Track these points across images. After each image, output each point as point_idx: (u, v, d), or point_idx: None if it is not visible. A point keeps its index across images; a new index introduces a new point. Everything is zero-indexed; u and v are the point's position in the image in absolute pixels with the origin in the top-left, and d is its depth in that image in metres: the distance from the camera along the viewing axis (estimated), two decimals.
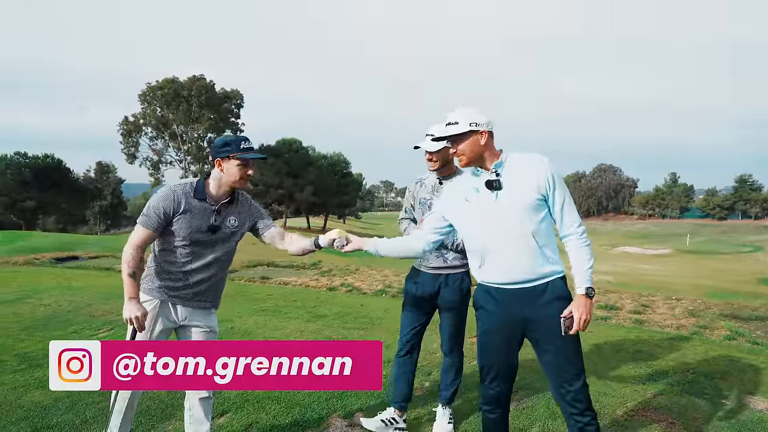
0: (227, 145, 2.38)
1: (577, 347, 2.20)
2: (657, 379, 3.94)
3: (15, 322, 5.68)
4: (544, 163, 2.18)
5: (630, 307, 6.62)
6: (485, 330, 2.33)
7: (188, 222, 2.37)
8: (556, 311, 2.14)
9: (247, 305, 6.72)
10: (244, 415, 3.30)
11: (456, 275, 2.99)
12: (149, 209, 2.34)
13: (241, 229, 2.58)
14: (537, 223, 2.15)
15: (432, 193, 3.04)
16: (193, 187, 2.41)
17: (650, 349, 4.75)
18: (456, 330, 3.13)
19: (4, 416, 3.27)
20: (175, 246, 2.41)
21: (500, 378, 2.34)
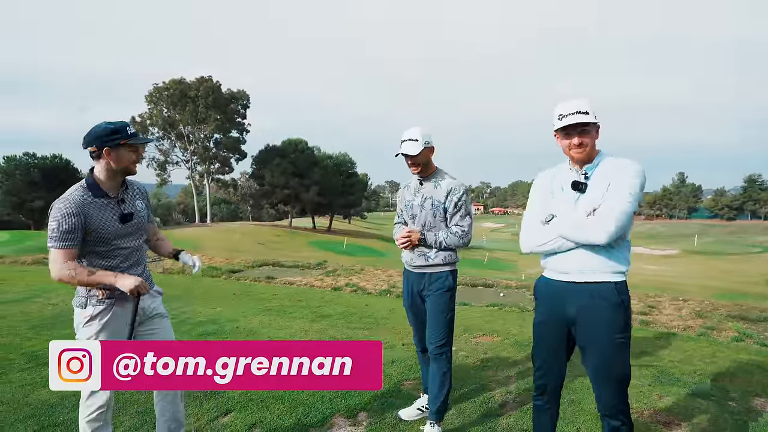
0: (116, 133, 2.27)
1: (620, 351, 2.19)
2: (662, 380, 3.91)
3: (23, 321, 5.73)
4: (629, 169, 2.11)
5: (636, 307, 6.57)
6: (539, 320, 2.42)
7: (100, 223, 2.28)
8: (605, 311, 2.16)
9: (252, 305, 6.74)
10: (248, 414, 3.31)
11: (439, 274, 3.00)
12: (59, 230, 2.18)
13: (148, 210, 2.57)
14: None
15: (414, 194, 3.10)
16: (86, 188, 2.30)
17: (656, 350, 4.71)
18: (440, 330, 3.00)
19: (11, 414, 3.30)
20: (100, 251, 2.32)
21: (547, 369, 2.41)
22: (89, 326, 2.31)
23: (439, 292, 2.98)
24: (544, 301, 2.41)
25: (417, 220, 3.05)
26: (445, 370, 3.01)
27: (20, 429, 3.09)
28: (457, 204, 2.95)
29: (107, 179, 2.34)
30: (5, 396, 3.58)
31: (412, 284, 3.13)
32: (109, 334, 2.32)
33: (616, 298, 2.17)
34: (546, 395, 2.46)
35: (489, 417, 3.27)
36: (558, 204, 2.28)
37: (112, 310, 2.33)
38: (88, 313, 2.30)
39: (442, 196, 2.96)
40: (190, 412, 3.32)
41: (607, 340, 2.18)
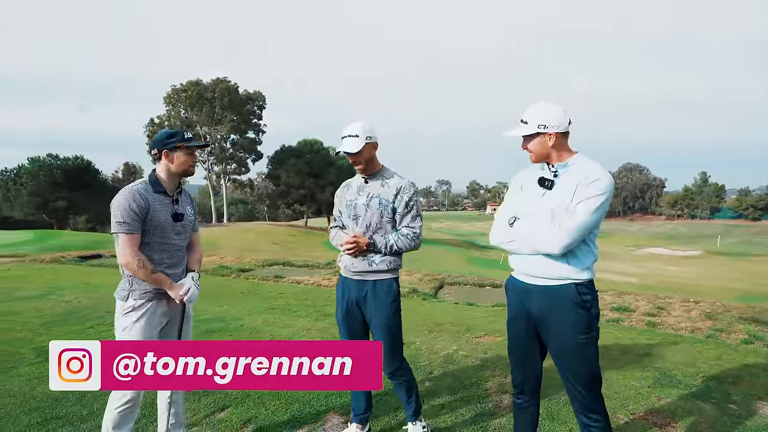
0: (173, 137, 2.52)
1: (584, 351, 2.24)
2: (663, 382, 3.86)
3: (36, 317, 5.89)
4: (595, 184, 2.14)
5: (645, 308, 6.48)
6: (509, 318, 2.48)
7: (157, 215, 2.47)
8: (566, 312, 2.21)
9: (258, 303, 6.82)
10: (244, 410, 3.36)
11: (384, 282, 2.75)
12: (123, 215, 2.36)
13: (195, 216, 2.78)
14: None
15: (357, 193, 2.84)
16: (148, 183, 2.51)
17: (660, 351, 4.65)
18: (391, 347, 2.77)
19: (17, 406, 3.41)
20: (149, 242, 2.49)
21: (522, 367, 2.47)
22: (128, 316, 2.47)
23: (384, 303, 2.73)
24: (511, 300, 2.45)
25: (361, 221, 2.78)
26: (405, 382, 2.87)
27: (24, 421, 3.19)
28: (408, 204, 2.74)
29: (166, 178, 2.55)
30: (14, 389, 3.70)
31: (349, 292, 2.82)
32: (144, 325, 2.47)
33: (577, 298, 2.21)
34: (525, 393, 2.49)
35: (482, 416, 3.28)
36: (525, 198, 2.35)
37: (149, 304, 2.49)
38: (129, 305, 2.47)
39: (390, 195, 2.74)
40: (188, 407, 3.39)
41: (571, 340, 2.23)
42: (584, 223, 2.13)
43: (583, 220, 2.13)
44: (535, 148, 2.26)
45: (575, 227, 2.13)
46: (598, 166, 2.23)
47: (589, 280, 2.26)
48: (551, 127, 2.21)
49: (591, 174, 2.18)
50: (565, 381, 2.33)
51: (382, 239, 2.73)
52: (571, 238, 2.13)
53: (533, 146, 2.27)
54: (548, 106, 2.24)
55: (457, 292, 8.35)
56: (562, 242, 2.14)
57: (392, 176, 2.82)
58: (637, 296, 7.43)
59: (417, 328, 5.49)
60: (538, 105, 2.26)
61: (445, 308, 6.66)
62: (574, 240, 2.14)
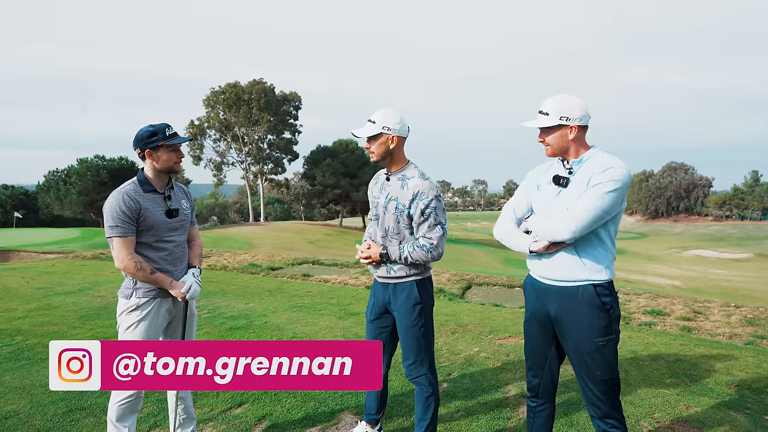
0: (154, 135, 2.44)
1: (601, 354, 2.16)
2: (694, 390, 3.67)
3: (72, 311, 6.14)
4: (608, 172, 2.07)
5: (680, 313, 6.18)
6: (526, 319, 2.43)
7: (150, 215, 2.46)
8: (584, 314, 2.15)
9: (284, 301, 6.89)
10: (260, 406, 3.40)
11: (404, 284, 2.65)
12: (114, 219, 2.36)
13: (192, 210, 2.74)
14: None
15: (380, 190, 2.71)
16: (137, 184, 2.49)
17: (693, 358, 4.43)
18: (414, 352, 2.67)
19: (45, 396, 3.55)
20: (146, 242, 2.49)
21: (537, 369, 2.41)
22: (131, 315, 2.49)
23: (405, 306, 2.64)
24: (529, 300, 2.40)
25: (380, 224, 2.69)
26: (428, 394, 2.69)
27: (51, 410, 3.32)
28: (424, 212, 2.51)
29: (154, 177, 2.54)
30: (44, 380, 3.85)
31: (377, 295, 2.80)
32: (148, 324, 2.50)
33: (596, 300, 2.13)
34: (539, 397, 2.43)
35: (498, 420, 3.20)
36: (541, 196, 2.28)
37: (153, 302, 2.51)
38: (132, 303, 2.48)
39: (407, 200, 2.54)
40: (206, 402, 3.46)
41: (586, 342, 2.15)
42: (594, 207, 2.02)
43: (593, 204, 2.03)
44: (555, 141, 2.18)
45: (584, 209, 2.03)
46: (615, 159, 2.14)
47: (608, 280, 2.18)
48: (573, 119, 2.13)
49: (606, 164, 2.10)
50: (581, 385, 2.26)
51: (396, 250, 2.58)
52: (580, 221, 2.04)
53: (552, 139, 2.19)
54: (570, 98, 2.17)
55: (485, 293, 8.20)
56: (570, 227, 2.05)
57: (413, 177, 2.58)
58: (673, 299, 7.10)
59: (440, 328, 5.42)
60: (559, 96, 2.18)
61: (471, 309, 6.56)
62: (584, 225, 2.03)
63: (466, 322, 5.69)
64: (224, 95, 46.63)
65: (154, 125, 2.48)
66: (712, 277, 35.05)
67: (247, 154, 49.78)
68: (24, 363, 4.24)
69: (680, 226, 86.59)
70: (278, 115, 48.39)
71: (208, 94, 47.57)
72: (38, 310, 6.19)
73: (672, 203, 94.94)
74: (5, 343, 4.82)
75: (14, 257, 17.02)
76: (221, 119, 47.83)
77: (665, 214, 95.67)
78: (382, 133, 2.54)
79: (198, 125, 47.57)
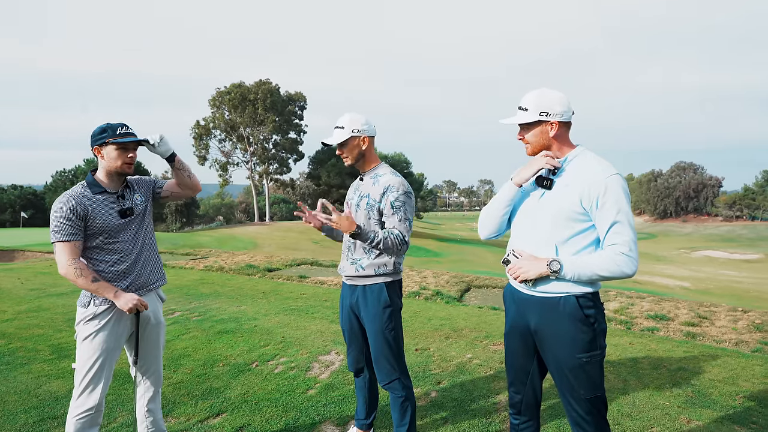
0: (104, 132, 2.31)
1: (583, 371, 1.99)
2: (696, 402, 3.48)
3: (62, 313, 6.04)
4: (603, 175, 1.90)
5: (685, 317, 5.96)
6: (506, 332, 2.27)
7: (101, 217, 2.31)
8: (566, 327, 1.98)
9: (277, 304, 6.75)
10: (239, 416, 3.26)
11: (373, 286, 2.59)
12: (59, 223, 2.23)
13: (148, 202, 2.56)
14: (568, 236, 1.97)
15: (354, 190, 2.74)
16: (85, 185, 2.36)
17: (696, 366, 4.23)
18: (385, 357, 2.62)
19: (19, 404, 3.44)
20: (100, 246, 2.34)
21: (519, 384, 2.24)
22: (88, 324, 2.33)
23: (375, 310, 2.58)
24: (509, 310, 2.23)
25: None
26: (402, 399, 2.65)
27: (22, 419, 3.20)
28: (394, 204, 2.50)
29: (105, 178, 2.39)
30: (20, 386, 3.74)
31: (345, 298, 2.77)
32: (107, 333, 2.34)
33: (578, 312, 1.96)
34: (522, 414, 2.26)
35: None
36: (527, 198, 2.12)
37: (113, 311, 2.35)
38: (90, 312, 2.32)
39: (378, 194, 2.55)
40: (182, 411, 3.32)
41: (569, 358, 1.98)
42: (633, 235, 1.90)
43: (631, 234, 1.90)
44: (535, 138, 2.03)
45: (632, 243, 1.89)
46: (604, 161, 1.98)
47: (592, 292, 2.00)
48: (554, 114, 1.97)
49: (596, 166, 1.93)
50: (565, 403, 2.08)
51: (370, 232, 2.48)
52: (636, 253, 1.90)
53: (532, 136, 2.03)
54: (550, 92, 2.01)
55: (485, 296, 8.01)
56: (635, 263, 1.90)
57: (384, 174, 2.62)
58: (677, 303, 6.88)
59: (434, 333, 5.26)
60: (538, 90, 2.02)
61: (468, 313, 6.38)
62: (637, 254, 1.91)
63: (461, 327, 5.52)
64: (230, 95, 46.74)
65: (110, 123, 2.34)
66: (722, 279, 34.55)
67: (252, 154, 49.84)
68: (2, 368, 4.13)
69: (689, 226, 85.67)
70: (283, 115, 48.43)
71: (214, 94, 47.69)
72: (27, 312, 6.10)
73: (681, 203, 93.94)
74: None
75: (19, 257, 17.07)
76: (227, 119, 47.93)
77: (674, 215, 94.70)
78: (353, 136, 2.58)
79: (204, 125, 47.67)
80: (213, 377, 3.93)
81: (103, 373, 2.36)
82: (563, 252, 1.97)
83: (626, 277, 1.90)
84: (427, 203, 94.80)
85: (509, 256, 2.10)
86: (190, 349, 4.66)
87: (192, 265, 10.31)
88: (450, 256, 38.46)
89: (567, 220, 1.95)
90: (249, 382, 3.84)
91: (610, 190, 1.87)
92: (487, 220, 2.21)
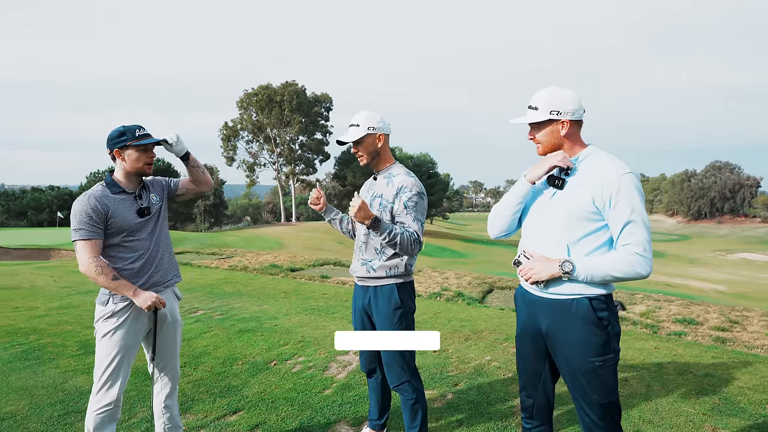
0: (122, 135, 2.38)
1: (596, 375, 1.94)
2: (723, 409, 3.36)
3: (90, 311, 6.21)
4: (616, 174, 1.86)
5: (715, 322, 5.75)
6: (517, 334, 2.24)
7: (119, 217, 2.37)
8: (578, 330, 1.94)
9: (298, 303, 6.80)
10: (255, 414, 3.30)
11: (384, 287, 2.58)
12: (80, 222, 2.29)
13: (163, 201, 2.62)
14: (579, 236, 1.93)
15: (368, 190, 2.73)
16: (105, 186, 2.43)
17: (725, 373, 4.08)
18: (396, 359, 2.61)
19: (46, 397, 3.56)
20: (119, 244, 2.41)
21: (531, 387, 2.21)
22: (107, 322, 2.39)
23: (386, 312, 2.58)
24: (520, 312, 2.20)
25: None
26: (413, 402, 2.64)
27: (48, 412, 3.31)
28: (407, 204, 2.50)
29: (123, 179, 2.46)
30: (47, 380, 3.87)
31: (357, 299, 2.78)
32: (126, 331, 2.41)
33: (591, 315, 1.91)
34: (534, 418, 2.21)
35: None
36: (538, 198, 2.09)
37: (131, 309, 2.41)
38: (109, 309, 2.39)
39: (391, 195, 2.55)
40: (201, 408, 3.38)
41: (581, 362, 1.94)
42: (647, 235, 1.86)
43: (646, 234, 1.85)
44: (546, 138, 2.00)
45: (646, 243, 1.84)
46: (617, 159, 1.93)
47: (606, 294, 1.95)
48: (565, 113, 1.94)
49: (609, 165, 1.89)
50: (578, 408, 2.04)
51: (388, 224, 2.44)
52: (651, 254, 1.86)
53: (543, 136, 2.00)
54: (561, 90, 1.97)
55: (507, 297, 7.91)
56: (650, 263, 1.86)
57: (398, 174, 2.60)
58: (708, 307, 6.64)
59: (453, 335, 5.22)
60: (549, 89, 1.99)
61: (489, 314, 6.31)
62: (651, 254, 1.86)
63: (481, 329, 5.46)
64: (257, 97, 47.46)
65: (126, 126, 2.41)
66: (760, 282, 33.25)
67: (279, 155, 50.45)
68: (32, 363, 4.28)
69: (725, 228, 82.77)
70: (309, 116, 48.90)
71: (242, 96, 48.48)
72: (58, 309, 6.31)
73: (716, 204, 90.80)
74: (19, 341, 4.90)
75: (55, 255, 17.69)
76: (254, 121, 48.65)
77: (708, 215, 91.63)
78: (369, 134, 2.57)
79: (231, 127, 48.51)
80: (232, 375, 3.99)
81: (121, 370, 2.42)
82: (575, 252, 1.93)
83: (641, 277, 1.85)
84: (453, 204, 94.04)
85: (520, 257, 2.07)
86: (210, 347, 4.74)
87: (217, 265, 10.50)
88: (475, 257, 38.14)
89: (579, 219, 1.91)
90: (267, 380, 3.88)
91: (623, 188, 1.83)
92: (498, 219, 2.19)
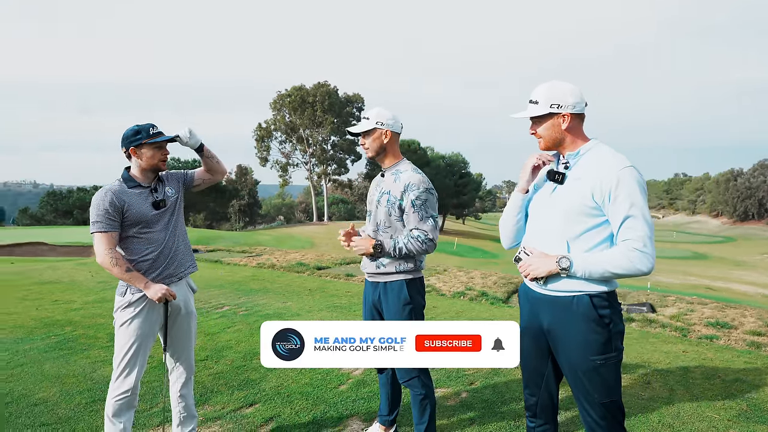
0: (137, 134, 2.48)
1: (598, 374, 1.91)
2: (750, 416, 3.22)
3: None
4: (616, 168, 1.83)
5: (751, 326, 5.50)
6: (520, 332, 2.19)
7: (135, 210, 2.47)
8: (579, 328, 1.91)
9: (322, 301, 6.89)
10: (270, 407, 3.37)
11: (394, 283, 2.62)
12: (98, 215, 2.39)
13: (179, 193, 2.72)
14: (580, 232, 1.91)
15: (376, 186, 2.76)
16: (121, 181, 2.52)
17: (757, 378, 3.91)
18: None
19: (76, 385, 3.73)
20: (135, 236, 2.50)
21: (534, 386, 2.19)
22: (125, 311, 2.52)
23: (395, 307, 2.61)
24: (523, 310, 2.18)
25: (372, 218, 2.74)
26: (422, 397, 2.65)
27: (76, 400, 3.47)
28: (414, 203, 2.52)
29: (139, 175, 2.57)
30: (78, 369, 4.05)
31: (367, 295, 2.81)
32: (142, 320, 2.52)
33: (592, 313, 1.87)
34: (537, 417, 2.19)
35: None
36: (539, 194, 2.08)
37: (146, 299, 2.51)
38: (126, 299, 2.50)
39: (398, 192, 2.57)
40: (218, 400, 3.47)
41: (582, 361, 1.90)
42: (649, 231, 1.80)
43: (646, 229, 1.80)
44: (547, 132, 1.97)
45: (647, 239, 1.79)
46: (619, 156, 1.89)
47: (608, 291, 1.91)
48: (566, 106, 1.91)
49: (609, 160, 1.85)
50: (580, 407, 2.01)
51: (390, 241, 2.57)
52: (653, 250, 1.80)
53: (544, 130, 1.98)
54: (561, 83, 1.96)
55: None
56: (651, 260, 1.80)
57: (405, 170, 2.63)
58: (744, 310, 6.35)
59: None
60: (549, 83, 1.97)
61: (512, 314, 6.23)
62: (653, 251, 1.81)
63: None
64: (290, 98, 48.17)
65: (140, 125, 2.52)
66: None
67: (311, 155, 51.07)
68: (66, 353, 4.49)
69: None
70: (341, 116, 49.31)
71: (275, 97, 49.31)
72: (93, 303, 6.58)
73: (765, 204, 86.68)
74: (56, 333, 5.14)
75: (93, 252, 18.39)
76: (287, 122, 49.41)
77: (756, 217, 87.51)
78: (376, 128, 2.62)
79: (265, 128, 49.41)
80: (251, 369, 4.08)
81: (138, 358, 2.53)
82: (575, 248, 1.90)
83: (641, 274, 1.81)
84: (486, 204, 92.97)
85: (520, 253, 2.05)
86: (233, 341, 4.85)
87: (246, 262, 10.73)
88: (507, 257, 37.61)
89: (579, 215, 1.88)
90: (284, 375, 3.95)
91: (622, 182, 1.79)
92: (504, 231, 2.22)
